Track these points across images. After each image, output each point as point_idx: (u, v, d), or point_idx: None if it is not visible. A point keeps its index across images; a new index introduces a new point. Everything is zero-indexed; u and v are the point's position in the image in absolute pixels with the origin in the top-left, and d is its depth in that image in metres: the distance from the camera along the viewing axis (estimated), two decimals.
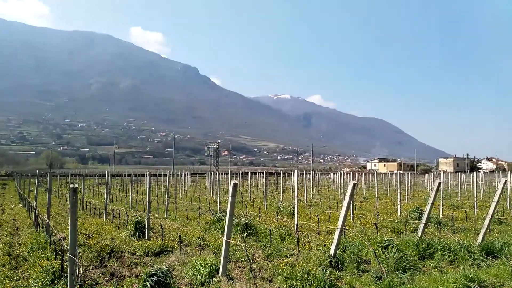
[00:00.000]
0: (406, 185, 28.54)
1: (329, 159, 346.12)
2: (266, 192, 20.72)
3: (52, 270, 6.95)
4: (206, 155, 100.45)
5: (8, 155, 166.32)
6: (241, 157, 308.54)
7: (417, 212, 15.17)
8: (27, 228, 13.49)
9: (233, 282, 7.09)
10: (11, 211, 20.18)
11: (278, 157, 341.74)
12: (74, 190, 5.89)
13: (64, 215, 17.71)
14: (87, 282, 6.69)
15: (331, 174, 51.52)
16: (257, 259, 8.81)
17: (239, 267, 8.16)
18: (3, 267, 7.91)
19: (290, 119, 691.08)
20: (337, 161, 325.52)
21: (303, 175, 25.64)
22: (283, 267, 7.61)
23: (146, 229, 11.05)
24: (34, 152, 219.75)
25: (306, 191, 23.66)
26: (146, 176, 11.64)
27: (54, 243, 8.68)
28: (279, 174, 47.59)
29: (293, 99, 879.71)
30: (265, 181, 21.47)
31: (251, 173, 36.30)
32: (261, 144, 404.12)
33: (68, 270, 5.90)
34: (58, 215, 16.87)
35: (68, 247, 6.12)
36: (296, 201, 11.27)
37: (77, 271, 5.80)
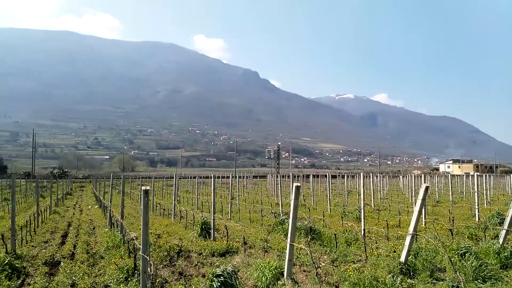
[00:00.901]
0: (484, 188, 26.35)
1: (397, 161, 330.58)
2: (329, 196, 20.29)
3: (126, 268, 7.33)
4: (266, 157, 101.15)
5: (85, 160, 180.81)
6: (302, 159, 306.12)
7: (498, 218, 13.91)
8: (102, 227, 14.46)
9: (298, 286, 6.98)
10: (88, 211, 21.81)
11: (342, 159, 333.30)
12: (146, 192, 6.17)
13: (136, 215, 18.76)
14: (157, 280, 6.96)
15: (400, 176, 49.18)
16: (322, 263, 8.61)
17: (304, 271, 8.03)
18: (82, 263, 8.51)
19: (354, 120, 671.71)
20: (406, 162, 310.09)
21: (369, 177, 24.76)
22: (350, 272, 7.34)
23: (212, 230, 11.30)
24: (108, 157, 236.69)
25: (373, 195, 22.77)
26: (211, 178, 11.94)
27: (128, 242, 9.17)
28: (343, 177, 46.45)
29: (357, 99, 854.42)
30: (328, 184, 21.01)
31: (313, 176, 35.81)
32: (323, 146, 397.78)
33: (141, 268, 6.18)
34: (130, 216, 17.88)
35: (140, 246, 6.43)
36: (362, 205, 10.87)
37: (148, 269, 6.04)
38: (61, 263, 8.67)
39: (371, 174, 26.51)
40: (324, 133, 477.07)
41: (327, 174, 23.51)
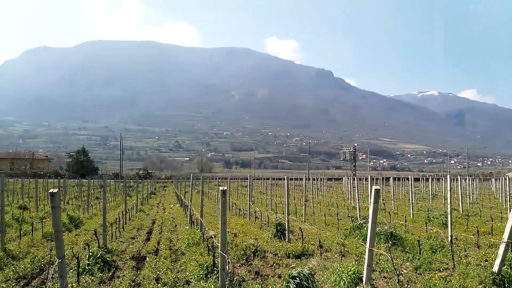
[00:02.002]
0: None
1: (489, 163, 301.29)
2: (412, 200, 19.13)
3: (205, 265, 7.58)
4: (341, 159, 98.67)
5: (167, 161, 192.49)
6: (381, 161, 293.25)
7: None
8: (183, 225, 15.19)
9: None
10: (170, 210, 23.08)
11: (425, 161, 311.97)
12: (224, 192, 6.33)
13: (214, 214, 19.43)
14: (235, 278, 7.10)
15: (492, 179, 44.86)
16: (404, 270, 8.12)
17: (384, 277, 7.65)
18: (165, 259, 9.00)
19: (439, 118, 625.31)
20: (499, 164, 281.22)
21: (456, 180, 22.89)
22: (436, 281, 6.83)
23: (286, 232, 11.27)
24: (188, 158, 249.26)
25: (461, 199, 21.01)
26: (284, 180, 11.93)
27: (207, 240, 9.50)
28: (427, 179, 43.56)
29: (442, 96, 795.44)
30: (411, 187, 19.82)
31: (394, 179, 34.13)
32: (404, 146, 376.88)
33: (219, 265, 6.35)
34: (209, 214, 18.56)
35: (219, 244, 6.62)
36: (449, 210, 10.06)
37: (227, 267, 6.19)
38: (147, 258, 9.25)
39: (458, 176, 24.42)
40: (405, 133, 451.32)
41: (409, 176, 22.13)
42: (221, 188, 6.37)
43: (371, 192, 6.66)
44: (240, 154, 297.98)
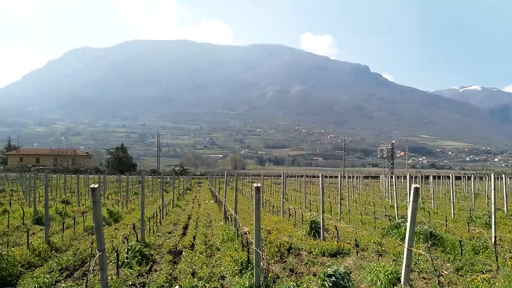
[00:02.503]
0: None
1: None
2: (453, 199, 18.39)
3: (240, 261, 7.63)
4: (378, 157, 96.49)
5: (202, 158, 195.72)
6: (420, 158, 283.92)
7: None
8: (218, 221, 15.36)
9: None
10: (205, 205, 23.43)
11: (467, 159, 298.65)
12: (258, 189, 6.33)
13: (247, 211, 19.53)
14: (270, 275, 7.08)
15: None
16: (445, 271, 7.83)
17: (423, 278, 7.41)
18: (201, 254, 9.13)
19: (482, 114, 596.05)
20: None
21: (501, 179, 21.75)
22: (478, 283, 6.54)
23: (321, 230, 11.13)
24: (222, 155, 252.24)
25: (506, 199, 19.93)
26: (319, 177, 11.77)
27: (241, 236, 9.56)
28: (469, 178, 41.77)
29: (485, 91, 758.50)
30: (451, 186, 19.04)
31: (433, 177, 32.97)
32: (444, 143, 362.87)
33: (254, 262, 6.36)
34: (242, 211, 18.67)
35: (253, 241, 6.62)
36: (493, 210, 9.58)
37: (261, 263, 6.19)
38: (183, 252, 9.42)
39: (503, 175, 23.13)
40: (446, 130, 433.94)
41: (450, 175, 21.16)
42: (255, 185, 6.37)
43: (410, 190, 6.45)
44: (273, 151, 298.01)
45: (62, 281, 7.12)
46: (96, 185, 6.09)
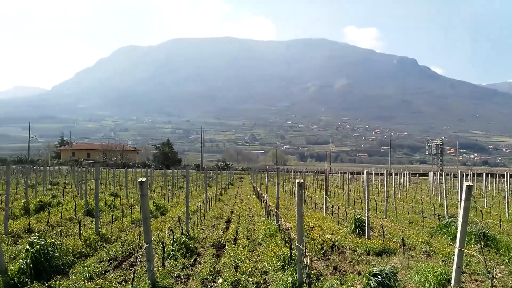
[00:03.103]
0: None
1: None
2: (507, 198, 17.28)
3: (282, 256, 7.59)
4: (427, 153, 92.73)
5: (243, 154, 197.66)
6: (471, 155, 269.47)
7: None
8: (260, 216, 15.41)
9: None
10: (247, 200, 23.59)
11: None
12: (300, 185, 6.25)
13: (289, 207, 19.44)
14: (313, 272, 7.00)
15: None
16: (499, 274, 7.37)
17: (475, 280, 7.02)
18: (243, 248, 9.19)
19: None
20: None
21: None
22: None
23: (366, 228, 10.86)
24: (263, 151, 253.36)
25: None
26: (363, 174, 11.45)
27: (283, 232, 9.52)
28: None
29: None
30: (506, 184, 17.90)
31: (486, 175, 31.19)
32: (498, 140, 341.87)
33: (297, 258, 6.30)
34: (284, 207, 18.62)
35: (295, 237, 6.56)
36: None
37: (304, 260, 6.12)
38: (226, 246, 9.53)
39: None
40: (499, 125, 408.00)
41: (505, 173, 19.91)
42: (297, 180, 6.29)
43: (461, 188, 6.12)
44: (315, 147, 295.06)
45: (111, 271, 7.42)
46: (144, 179, 6.28)
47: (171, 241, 8.70)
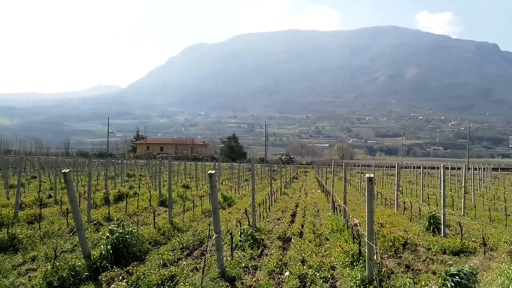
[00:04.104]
0: None
1: None
2: None
3: (351, 253, 7.41)
4: (510, 146, 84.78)
5: (307, 147, 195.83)
6: None
7: None
8: (325, 211, 15.19)
9: None
10: (312, 195, 23.37)
11: None
12: (370, 180, 6.03)
13: (356, 202, 18.92)
14: (383, 269, 6.74)
15: None
16: None
17: None
18: (309, 242, 9.11)
19: None
20: None
21: None
22: None
23: (442, 225, 10.22)
24: (328, 145, 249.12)
25: None
26: (438, 169, 10.75)
27: (351, 227, 9.28)
28: None
29: None
30: None
31: None
32: None
33: (366, 255, 6.11)
34: (351, 202, 18.15)
35: (364, 233, 6.36)
36: None
37: (374, 257, 5.91)
38: (292, 239, 9.53)
39: None
40: None
41: None
42: (367, 175, 6.08)
43: None
44: (384, 140, 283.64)
45: (183, 259, 7.78)
46: (213, 171, 6.48)
47: (239, 232, 8.89)
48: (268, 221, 12.50)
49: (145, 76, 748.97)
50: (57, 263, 6.32)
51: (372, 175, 6.11)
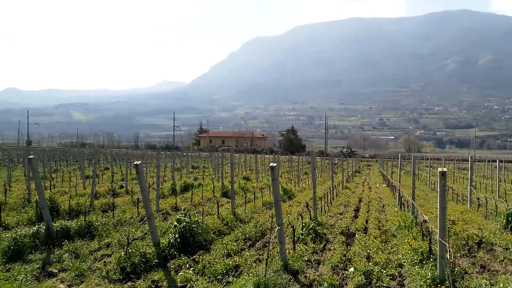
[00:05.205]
0: None
1: None
2: None
3: (420, 250, 7.05)
4: None
5: (370, 140, 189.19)
6: None
7: None
8: (391, 206, 14.59)
9: None
10: (376, 189, 22.58)
11: None
12: (443, 174, 5.68)
13: (425, 197, 17.97)
14: (456, 269, 6.33)
15: None
16: None
17: None
18: (375, 238, 8.80)
19: None
20: None
21: None
22: None
23: None
24: (393, 137, 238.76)
25: None
26: None
27: (420, 224, 8.82)
28: None
29: None
30: None
31: None
32: None
33: (438, 253, 5.78)
34: (419, 198, 17.28)
35: (435, 230, 6.00)
36: None
37: (447, 255, 5.57)
38: (356, 235, 9.27)
39: None
40: None
41: None
42: (439, 169, 5.73)
43: None
44: (455, 131, 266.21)
45: (246, 249, 7.91)
46: (275, 164, 6.49)
47: (300, 225, 8.84)
48: (330, 216, 12.30)
49: (208, 72, 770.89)
50: (130, 250, 6.72)
51: (444, 169, 5.74)
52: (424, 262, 6.67)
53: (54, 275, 6.32)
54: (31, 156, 8.48)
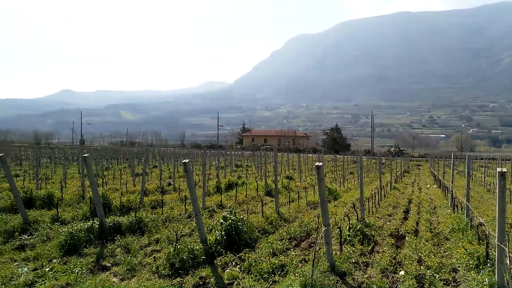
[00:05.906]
0: None
1: None
2: None
3: (476, 255, 6.68)
4: None
5: (420, 138, 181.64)
6: None
7: None
8: (443, 208, 13.92)
9: None
10: (427, 190, 21.64)
11: None
12: (502, 175, 5.35)
13: (480, 199, 17.02)
14: None
15: None
16: None
17: None
18: (426, 241, 8.43)
19: None
20: None
21: None
22: None
23: None
24: (444, 135, 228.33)
25: None
26: None
27: (476, 227, 8.35)
28: None
29: None
30: None
31: None
32: None
33: (496, 258, 5.46)
34: (474, 199, 16.39)
35: (493, 233, 5.66)
36: None
37: (506, 261, 5.24)
38: (406, 237, 8.94)
39: None
40: None
41: None
42: (498, 169, 5.39)
43: None
44: None
45: (291, 249, 7.86)
46: (321, 164, 6.39)
47: (347, 227, 8.66)
48: (378, 217, 11.94)
49: (250, 71, 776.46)
50: (178, 246, 6.90)
51: (504, 169, 5.39)
52: (480, 267, 6.31)
53: (108, 268, 6.62)
54: (85, 155, 8.95)
